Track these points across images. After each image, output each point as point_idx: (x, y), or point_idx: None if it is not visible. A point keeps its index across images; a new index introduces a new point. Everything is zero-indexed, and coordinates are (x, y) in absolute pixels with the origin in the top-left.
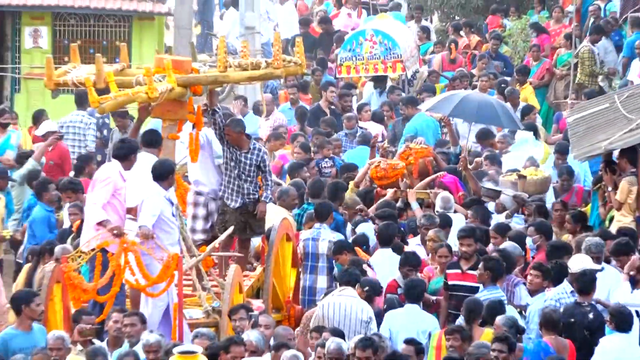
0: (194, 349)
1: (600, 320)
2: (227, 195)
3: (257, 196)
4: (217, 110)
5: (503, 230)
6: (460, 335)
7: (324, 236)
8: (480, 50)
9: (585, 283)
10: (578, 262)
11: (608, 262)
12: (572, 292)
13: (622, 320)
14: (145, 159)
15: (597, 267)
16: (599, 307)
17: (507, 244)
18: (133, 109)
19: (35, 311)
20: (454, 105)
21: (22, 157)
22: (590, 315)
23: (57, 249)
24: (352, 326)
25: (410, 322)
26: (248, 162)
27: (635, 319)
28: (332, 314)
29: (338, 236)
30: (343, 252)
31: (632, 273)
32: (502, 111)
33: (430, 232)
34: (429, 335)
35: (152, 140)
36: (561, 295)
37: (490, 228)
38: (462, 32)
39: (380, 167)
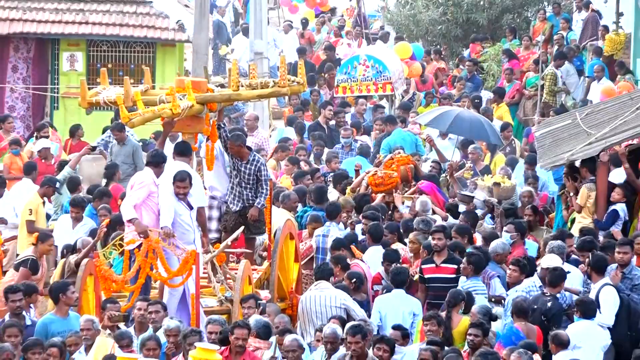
0: (213, 347)
1: (557, 309)
2: (230, 199)
3: (259, 202)
4: (223, 125)
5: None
6: (436, 320)
7: (333, 233)
8: (444, 73)
9: (555, 277)
10: (549, 260)
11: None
12: (540, 286)
13: (586, 309)
14: (178, 167)
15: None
16: (568, 296)
17: (497, 242)
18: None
19: (70, 298)
20: (450, 122)
21: (60, 166)
22: (549, 304)
23: (79, 241)
24: (328, 313)
25: (397, 305)
26: (247, 171)
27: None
28: (310, 305)
29: (344, 233)
30: (340, 248)
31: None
32: (489, 128)
33: (411, 236)
34: (414, 314)
35: (184, 150)
36: (531, 287)
37: (453, 230)
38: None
39: (378, 175)
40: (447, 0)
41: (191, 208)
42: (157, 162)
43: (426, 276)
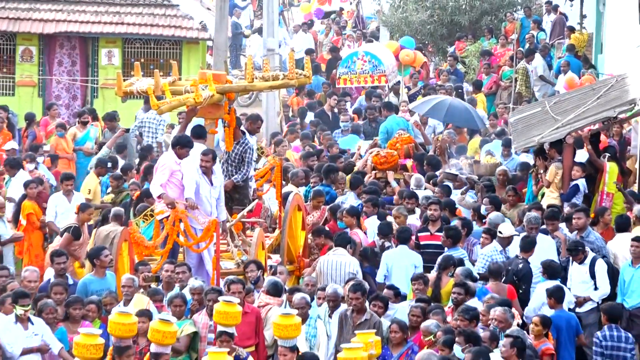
0: (235, 300)
1: (527, 270)
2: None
3: (236, 177)
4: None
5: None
6: (422, 280)
7: (350, 201)
8: (427, 67)
9: (527, 244)
10: (507, 229)
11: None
12: (501, 250)
13: (552, 271)
14: (197, 148)
15: (516, 233)
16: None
17: (493, 214)
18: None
19: (104, 261)
20: (445, 111)
21: (99, 147)
22: (520, 266)
23: (114, 210)
24: (342, 276)
25: (401, 258)
26: (235, 151)
27: None
28: (327, 269)
29: (357, 202)
30: (349, 216)
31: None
32: (475, 115)
33: (394, 211)
34: (415, 267)
35: (201, 133)
36: (492, 252)
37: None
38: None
39: (381, 155)
40: (434, 4)
41: (212, 184)
42: (181, 144)
43: (421, 242)
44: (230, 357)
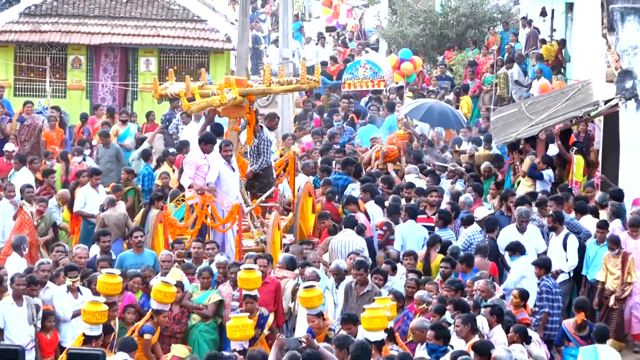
0: (255, 266)
1: (492, 246)
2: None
3: (254, 167)
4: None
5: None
6: (413, 256)
7: (354, 187)
8: (423, 74)
9: (490, 225)
10: (481, 212)
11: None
12: (480, 230)
13: (518, 249)
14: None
15: (490, 211)
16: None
17: (463, 196)
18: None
19: (134, 241)
20: (423, 112)
21: (139, 142)
22: (486, 243)
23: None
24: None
25: (411, 231)
26: (254, 144)
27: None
28: (338, 247)
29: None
30: (350, 204)
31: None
32: (453, 117)
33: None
34: (425, 238)
35: (219, 131)
36: (473, 232)
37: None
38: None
39: (382, 150)
40: (426, 19)
41: (234, 170)
42: (205, 141)
43: (419, 224)
44: (255, 317)
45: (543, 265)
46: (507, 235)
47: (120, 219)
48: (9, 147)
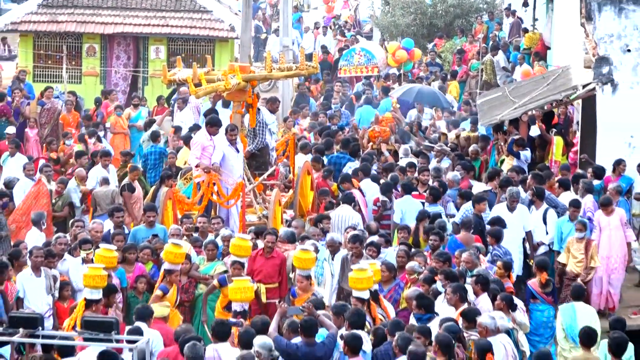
0: (247, 237)
1: (476, 221)
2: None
3: (250, 147)
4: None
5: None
6: (407, 230)
7: (351, 165)
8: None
9: (477, 199)
10: (479, 187)
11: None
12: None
13: (499, 223)
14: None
15: (487, 187)
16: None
17: (451, 174)
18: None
19: (144, 220)
20: (415, 94)
21: (148, 124)
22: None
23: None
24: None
25: (408, 205)
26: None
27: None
28: (335, 221)
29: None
30: (345, 182)
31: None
32: (442, 97)
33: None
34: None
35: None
36: (470, 207)
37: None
38: None
39: (375, 130)
40: (417, 10)
41: (238, 151)
42: (211, 124)
43: (415, 199)
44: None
45: (494, 235)
46: (498, 213)
47: (108, 196)
48: (10, 129)
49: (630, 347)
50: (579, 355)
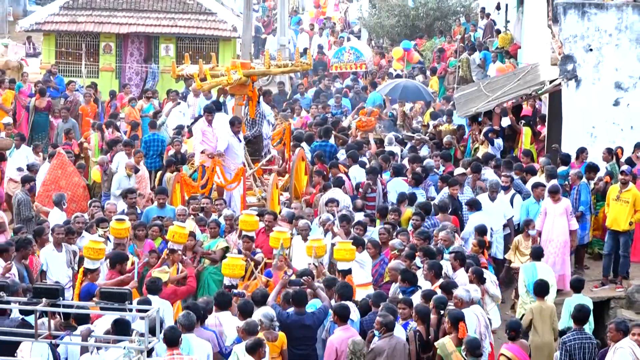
0: (253, 212)
1: (454, 204)
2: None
3: (247, 134)
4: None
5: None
6: (397, 213)
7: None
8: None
9: (452, 182)
10: (459, 170)
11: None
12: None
13: (475, 205)
14: (221, 116)
15: (463, 172)
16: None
17: (428, 162)
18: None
19: (154, 201)
20: (400, 91)
21: (154, 115)
22: (447, 200)
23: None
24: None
25: (399, 185)
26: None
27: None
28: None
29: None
30: (333, 168)
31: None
32: (424, 91)
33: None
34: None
35: (218, 107)
36: (446, 192)
37: None
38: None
39: (362, 121)
40: (400, 12)
41: (240, 141)
42: (208, 111)
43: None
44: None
45: (422, 208)
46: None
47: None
48: (6, 120)
49: (591, 318)
50: (534, 305)
